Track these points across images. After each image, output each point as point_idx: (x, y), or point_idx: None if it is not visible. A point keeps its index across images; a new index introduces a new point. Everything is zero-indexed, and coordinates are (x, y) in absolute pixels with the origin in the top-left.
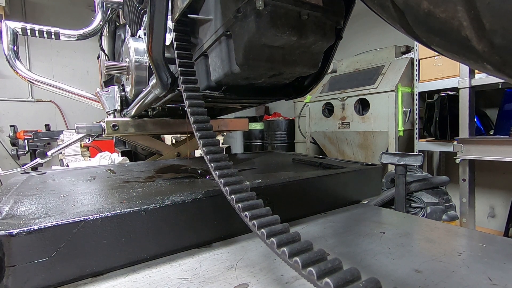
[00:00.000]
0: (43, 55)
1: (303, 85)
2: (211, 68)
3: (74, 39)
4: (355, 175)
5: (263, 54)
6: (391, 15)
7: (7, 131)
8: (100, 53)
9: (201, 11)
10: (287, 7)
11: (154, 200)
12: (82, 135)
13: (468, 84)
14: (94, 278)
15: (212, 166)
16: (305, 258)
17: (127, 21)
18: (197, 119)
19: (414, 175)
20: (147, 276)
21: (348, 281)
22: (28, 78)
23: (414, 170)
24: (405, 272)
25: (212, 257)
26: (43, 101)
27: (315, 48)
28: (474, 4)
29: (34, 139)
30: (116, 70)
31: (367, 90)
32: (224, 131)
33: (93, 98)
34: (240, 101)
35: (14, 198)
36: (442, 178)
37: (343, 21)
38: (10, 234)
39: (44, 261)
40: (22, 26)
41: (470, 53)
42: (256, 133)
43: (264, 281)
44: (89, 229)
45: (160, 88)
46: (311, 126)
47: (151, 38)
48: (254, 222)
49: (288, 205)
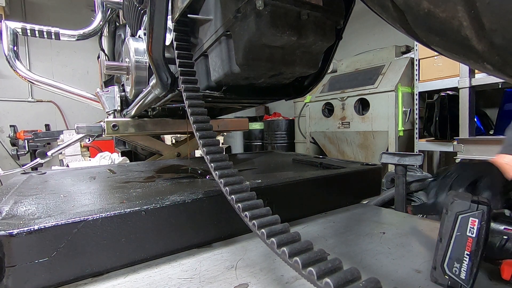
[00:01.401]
0: (43, 55)
1: (303, 85)
2: (211, 68)
3: (74, 39)
4: (355, 175)
5: (263, 54)
6: (391, 15)
7: (7, 131)
8: (100, 53)
9: (201, 11)
10: (287, 7)
11: (154, 200)
12: (82, 135)
13: (468, 84)
14: (94, 278)
15: (212, 166)
16: (305, 258)
17: (127, 21)
18: (197, 119)
19: (414, 175)
20: (147, 276)
21: (348, 281)
22: (28, 78)
23: (414, 170)
24: (405, 272)
25: (212, 257)
26: (43, 101)
27: (315, 48)
28: (474, 4)
29: (34, 139)
30: (116, 70)
31: (367, 90)
32: (224, 131)
33: (93, 98)
34: (240, 101)
35: (14, 198)
36: None
37: (343, 21)
38: (10, 234)
39: (44, 261)
40: (22, 26)
41: (470, 53)
42: (256, 133)
43: (264, 281)
44: (89, 229)
45: (160, 88)
46: (311, 126)
47: (151, 38)
48: (254, 222)
49: (288, 205)
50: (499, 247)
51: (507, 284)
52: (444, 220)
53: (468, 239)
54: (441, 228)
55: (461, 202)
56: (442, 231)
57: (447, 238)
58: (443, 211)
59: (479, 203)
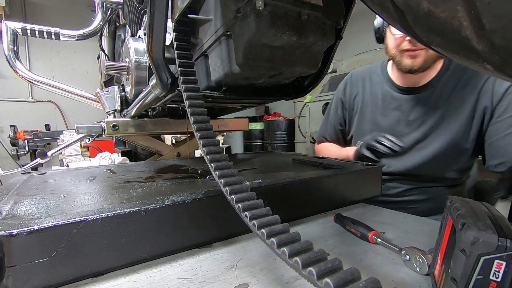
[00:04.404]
0: (43, 55)
1: (303, 85)
2: (211, 68)
3: (74, 39)
4: (355, 175)
5: (263, 54)
6: (391, 15)
7: (7, 131)
8: (100, 53)
9: (201, 11)
10: (287, 7)
11: (154, 200)
12: (82, 135)
13: None
14: (94, 278)
15: (212, 166)
16: (305, 258)
17: (127, 21)
18: (197, 119)
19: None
20: (147, 276)
21: (348, 281)
22: (28, 78)
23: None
24: (405, 272)
25: (212, 257)
26: (43, 101)
27: (315, 48)
28: (474, 4)
29: (34, 139)
30: (116, 70)
31: None
32: (224, 131)
33: (93, 98)
34: (240, 101)
35: (14, 198)
36: None
37: (343, 21)
38: (10, 234)
39: (44, 261)
40: (22, 26)
41: (470, 53)
42: (256, 133)
43: (264, 281)
44: (89, 229)
45: (160, 88)
46: (311, 126)
47: (151, 38)
48: (254, 222)
49: (288, 205)
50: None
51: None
52: (461, 261)
53: (491, 283)
54: (454, 267)
55: (486, 243)
56: (456, 271)
57: (464, 281)
58: (459, 249)
59: (508, 243)
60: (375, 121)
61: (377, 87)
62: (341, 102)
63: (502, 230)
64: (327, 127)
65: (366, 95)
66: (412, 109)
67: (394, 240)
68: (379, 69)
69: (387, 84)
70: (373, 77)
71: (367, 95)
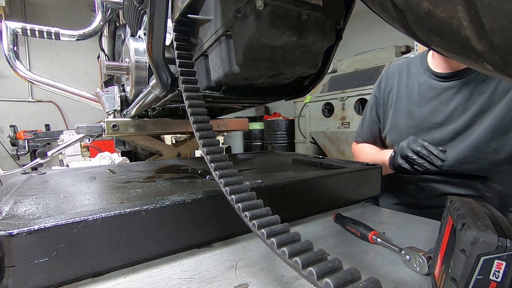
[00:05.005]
0: (43, 56)
1: (303, 85)
2: (211, 68)
3: (74, 39)
4: (355, 175)
5: (263, 54)
6: (391, 15)
7: (7, 131)
8: (100, 53)
9: (201, 11)
10: (287, 7)
11: (154, 200)
12: (82, 135)
13: None
14: (94, 278)
15: (212, 166)
16: (305, 258)
17: (127, 21)
18: (197, 119)
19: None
20: (147, 276)
21: (348, 281)
22: (28, 78)
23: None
24: (405, 272)
25: (212, 257)
26: (43, 101)
27: (315, 48)
28: (474, 4)
29: (34, 139)
30: (116, 70)
31: (367, 90)
32: (224, 131)
33: (93, 98)
34: (240, 101)
35: (14, 198)
36: None
37: (343, 21)
38: (10, 234)
39: (44, 261)
40: (22, 26)
41: (470, 53)
42: (256, 133)
43: (264, 281)
44: (89, 229)
45: (160, 88)
46: (311, 126)
47: (151, 38)
48: (254, 222)
49: (288, 205)
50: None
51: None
52: (461, 261)
53: (491, 283)
54: (454, 267)
55: (486, 243)
56: (456, 271)
57: (464, 281)
58: (459, 249)
59: (508, 243)
60: (410, 113)
61: (414, 78)
62: (375, 98)
63: (502, 230)
64: (363, 127)
65: (402, 87)
66: (452, 97)
67: (394, 240)
68: (418, 59)
69: (426, 73)
70: (411, 68)
71: (403, 87)
